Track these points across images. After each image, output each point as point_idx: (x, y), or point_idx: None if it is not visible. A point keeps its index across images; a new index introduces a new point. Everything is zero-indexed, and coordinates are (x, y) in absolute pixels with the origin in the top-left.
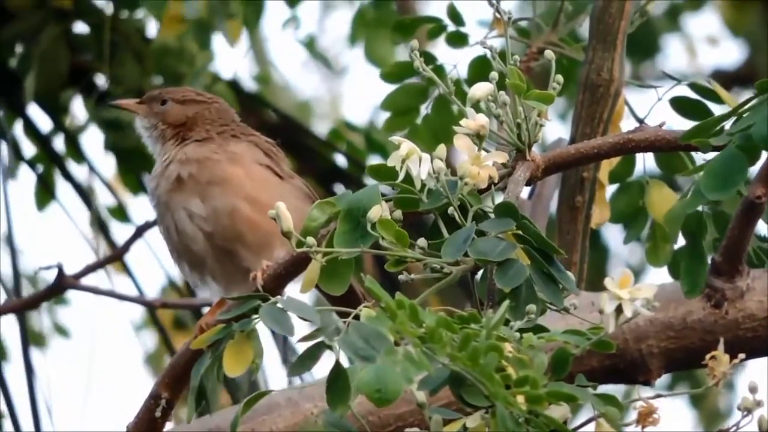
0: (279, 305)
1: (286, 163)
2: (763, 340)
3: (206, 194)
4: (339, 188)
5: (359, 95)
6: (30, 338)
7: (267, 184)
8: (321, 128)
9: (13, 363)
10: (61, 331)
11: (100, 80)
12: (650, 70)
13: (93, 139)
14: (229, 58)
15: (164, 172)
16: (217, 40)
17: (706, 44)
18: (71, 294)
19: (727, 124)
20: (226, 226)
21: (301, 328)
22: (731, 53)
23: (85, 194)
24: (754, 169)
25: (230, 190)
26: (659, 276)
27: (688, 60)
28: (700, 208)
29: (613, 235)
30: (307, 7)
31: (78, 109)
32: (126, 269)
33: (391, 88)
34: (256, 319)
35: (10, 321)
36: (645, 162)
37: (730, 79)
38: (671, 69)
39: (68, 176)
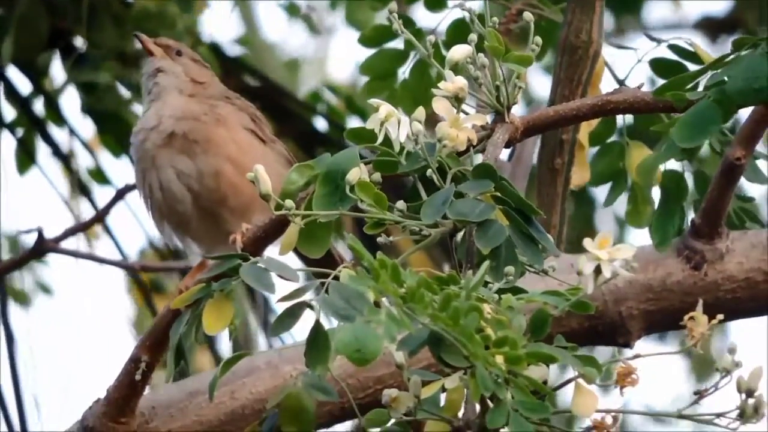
0: (260, 264)
1: (269, 127)
2: (742, 301)
3: (193, 154)
4: (320, 152)
5: (346, 55)
6: (12, 297)
7: (251, 147)
8: (307, 88)
9: None
10: (45, 289)
11: (80, 43)
12: (634, 23)
13: (73, 102)
14: (214, 20)
15: (158, 126)
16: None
17: None
18: (52, 257)
19: (703, 81)
20: (211, 188)
21: (280, 289)
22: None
23: (65, 158)
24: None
25: (216, 152)
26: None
27: (674, 9)
28: (679, 168)
29: (601, 190)
30: None
31: (58, 72)
32: (107, 232)
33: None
34: (236, 278)
35: None
36: (625, 123)
37: (717, 26)
38: (656, 18)
39: (48, 139)
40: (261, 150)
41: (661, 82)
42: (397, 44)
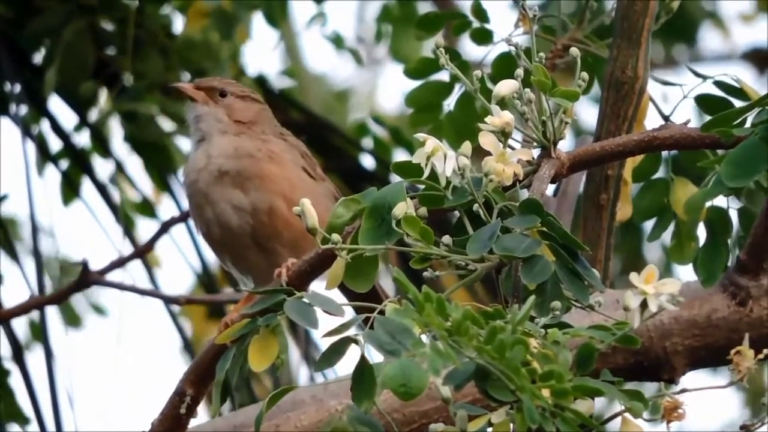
0: (304, 299)
1: (317, 164)
2: None
3: (246, 188)
4: (365, 188)
5: (395, 87)
6: (65, 319)
7: (302, 184)
8: (355, 119)
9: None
10: (98, 310)
11: (125, 75)
12: (684, 54)
13: (119, 135)
14: (258, 52)
15: (208, 165)
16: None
17: (741, 23)
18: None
19: (751, 117)
20: (264, 223)
21: (324, 325)
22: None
23: (107, 193)
24: None
25: (269, 188)
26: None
27: (723, 40)
28: (724, 205)
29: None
30: None
31: (103, 103)
32: (145, 265)
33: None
34: (281, 313)
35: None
36: (670, 158)
37: (766, 58)
38: (706, 49)
39: (92, 174)
40: (312, 185)
41: (707, 118)
42: (443, 76)
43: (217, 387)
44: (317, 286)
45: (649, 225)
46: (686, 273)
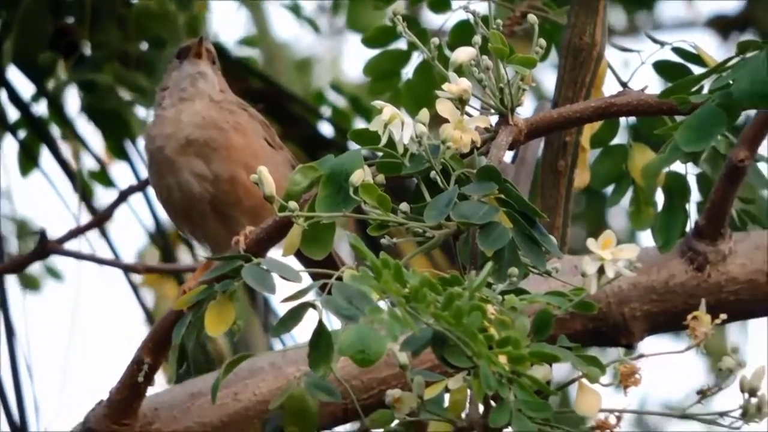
0: (262, 265)
1: (275, 133)
2: (745, 303)
3: (210, 159)
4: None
5: (359, 55)
6: (23, 283)
7: (264, 152)
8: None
9: None
10: (54, 274)
11: (83, 44)
12: (647, 21)
13: (77, 104)
14: (220, 21)
15: (176, 133)
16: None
17: None
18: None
19: (708, 84)
20: (226, 191)
21: (282, 291)
22: None
23: (65, 162)
24: None
25: (232, 158)
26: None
27: (687, 7)
28: (683, 170)
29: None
30: None
31: (61, 73)
32: (103, 234)
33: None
34: (238, 279)
35: None
36: (628, 125)
37: (729, 24)
38: (669, 16)
39: (50, 143)
40: (271, 155)
41: (668, 84)
42: (401, 44)
43: (174, 353)
44: (275, 253)
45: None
46: (648, 239)
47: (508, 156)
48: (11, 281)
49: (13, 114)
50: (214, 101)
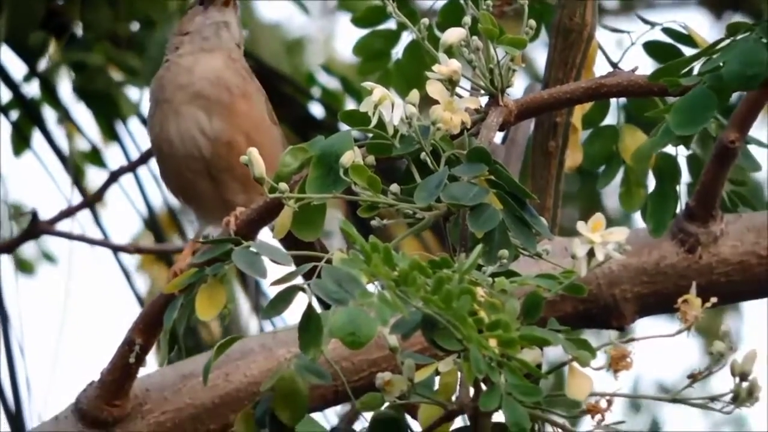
0: (252, 248)
1: (272, 110)
2: (736, 284)
3: (212, 117)
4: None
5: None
6: (17, 266)
7: (264, 125)
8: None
9: None
10: (49, 257)
11: (74, 25)
12: (640, 0)
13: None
14: None
15: (187, 86)
16: None
17: None
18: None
19: (698, 66)
20: (221, 154)
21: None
22: None
23: (55, 144)
24: None
25: (234, 123)
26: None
27: None
28: (673, 152)
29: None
30: None
31: (53, 54)
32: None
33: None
34: (228, 262)
35: None
36: (619, 106)
37: (722, 2)
38: None
39: (41, 124)
40: (270, 129)
41: (656, 65)
42: (391, 25)
43: (165, 336)
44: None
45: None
46: (641, 221)
47: (498, 137)
48: (5, 263)
49: (5, 95)
50: (231, 58)
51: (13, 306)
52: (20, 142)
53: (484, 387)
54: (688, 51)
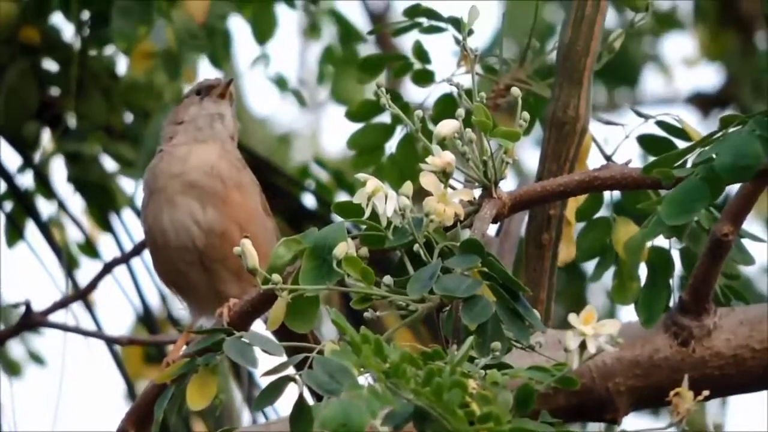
0: (244, 339)
1: (266, 202)
2: (730, 378)
3: (206, 208)
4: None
5: (339, 129)
6: (3, 367)
7: (258, 216)
8: (299, 162)
9: None
10: (37, 359)
11: (68, 116)
12: (627, 97)
13: (63, 176)
14: None
15: (181, 175)
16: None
17: (684, 67)
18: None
19: (691, 159)
20: (215, 245)
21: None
22: (711, 76)
23: (50, 235)
24: None
25: (227, 213)
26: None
27: (667, 83)
28: (666, 245)
29: (592, 265)
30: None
31: (47, 145)
32: (87, 307)
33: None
34: (220, 352)
35: None
36: (612, 198)
37: (709, 101)
38: (649, 93)
39: (35, 215)
40: (264, 221)
41: (650, 158)
42: (385, 118)
43: (156, 427)
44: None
45: (592, 269)
46: (630, 314)
47: (492, 229)
48: None
49: None
50: (225, 149)
51: (6, 398)
52: (14, 233)
53: None
54: (681, 144)
